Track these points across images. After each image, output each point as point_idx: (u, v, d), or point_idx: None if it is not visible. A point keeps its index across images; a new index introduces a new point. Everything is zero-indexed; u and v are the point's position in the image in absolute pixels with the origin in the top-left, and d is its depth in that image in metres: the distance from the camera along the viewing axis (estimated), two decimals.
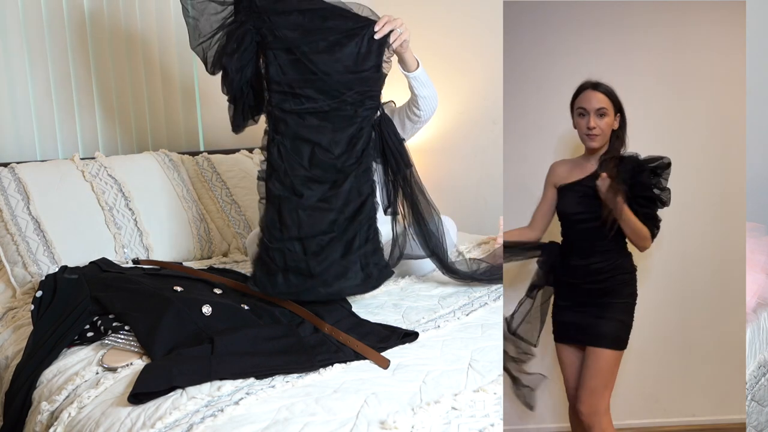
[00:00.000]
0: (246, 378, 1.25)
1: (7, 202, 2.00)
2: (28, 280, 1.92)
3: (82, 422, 1.20)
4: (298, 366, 1.29)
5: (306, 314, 1.57)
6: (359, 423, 1.07)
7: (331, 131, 1.73)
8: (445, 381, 1.24)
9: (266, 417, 1.10)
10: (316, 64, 1.70)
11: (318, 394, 1.18)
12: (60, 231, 1.99)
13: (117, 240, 2.07)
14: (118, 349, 1.42)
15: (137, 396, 1.19)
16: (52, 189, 2.07)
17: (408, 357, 1.36)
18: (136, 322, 1.45)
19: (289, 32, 1.70)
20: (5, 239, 1.96)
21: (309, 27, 1.70)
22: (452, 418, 1.09)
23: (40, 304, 1.60)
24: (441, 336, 1.48)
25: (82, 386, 1.31)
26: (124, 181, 2.19)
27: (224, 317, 1.49)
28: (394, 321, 1.59)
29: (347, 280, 1.69)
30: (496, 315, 1.61)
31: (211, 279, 1.78)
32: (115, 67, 2.49)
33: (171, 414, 1.12)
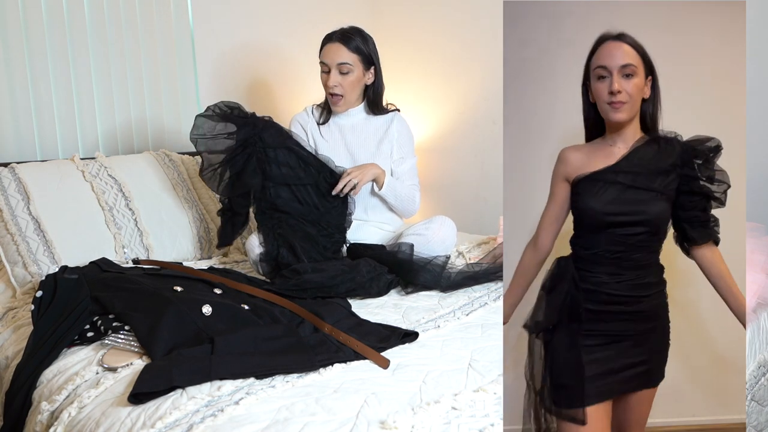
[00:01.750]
0: (246, 378, 1.25)
1: (7, 202, 2.00)
2: (28, 280, 1.92)
3: (82, 422, 1.20)
4: (298, 366, 1.29)
5: (306, 314, 1.57)
6: (359, 423, 1.07)
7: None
8: (445, 381, 1.23)
9: (266, 417, 1.10)
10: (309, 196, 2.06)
11: (318, 394, 1.18)
12: (60, 231, 1.99)
13: (117, 240, 2.07)
14: (118, 349, 1.42)
15: (137, 396, 1.19)
16: (52, 189, 2.07)
17: (408, 357, 1.36)
18: (136, 322, 1.45)
19: (283, 166, 2.03)
20: (5, 239, 1.96)
21: (294, 165, 2.06)
22: (452, 418, 1.09)
23: (40, 304, 1.60)
24: (441, 336, 1.48)
25: (82, 386, 1.31)
26: (124, 181, 2.19)
27: (224, 317, 1.49)
28: (394, 321, 1.60)
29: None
30: (496, 315, 1.62)
31: (211, 279, 1.79)
32: (116, 66, 2.49)
33: (171, 414, 1.12)
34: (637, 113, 1.13)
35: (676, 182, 1.14)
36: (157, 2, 2.56)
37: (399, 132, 2.23)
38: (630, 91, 1.09)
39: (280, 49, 3.01)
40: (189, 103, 2.69)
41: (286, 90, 3.03)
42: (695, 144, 1.14)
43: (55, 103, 2.37)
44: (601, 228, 1.12)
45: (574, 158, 1.17)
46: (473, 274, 1.89)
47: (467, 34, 2.95)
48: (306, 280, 1.79)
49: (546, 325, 1.14)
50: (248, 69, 2.92)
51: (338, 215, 2.07)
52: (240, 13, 2.87)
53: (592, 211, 1.12)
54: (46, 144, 2.37)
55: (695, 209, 1.15)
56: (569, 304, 1.12)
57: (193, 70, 2.70)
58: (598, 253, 1.13)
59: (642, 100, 1.13)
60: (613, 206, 1.11)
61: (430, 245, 2.03)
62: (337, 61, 2.11)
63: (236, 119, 2.03)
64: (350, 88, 2.15)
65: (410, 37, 3.16)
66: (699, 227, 1.17)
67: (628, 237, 1.12)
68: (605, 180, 1.12)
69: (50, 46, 2.33)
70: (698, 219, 1.17)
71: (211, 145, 2.02)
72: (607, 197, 1.12)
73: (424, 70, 3.13)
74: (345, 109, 2.21)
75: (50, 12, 2.33)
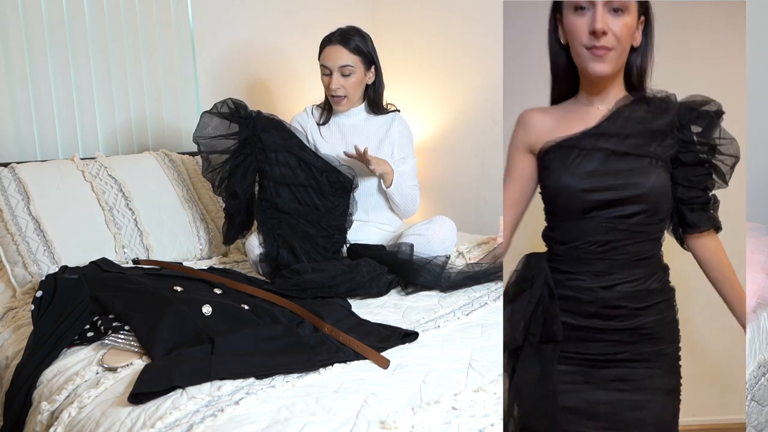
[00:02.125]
0: (246, 378, 1.25)
1: (7, 202, 2.00)
2: (28, 280, 1.91)
3: (82, 422, 1.20)
4: (298, 366, 1.29)
5: (306, 314, 1.57)
6: (359, 423, 1.07)
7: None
8: (445, 381, 1.23)
9: (266, 417, 1.10)
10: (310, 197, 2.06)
11: (318, 394, 1.18)
12: (60, 231, 1.99)
13: (117, 240, 2.07)
14: (118, 349, 1.41)
15: (137, 396, 1.19)
16: (52, 189, 2.07)
17: (408, 357, 1.36)
18: (136, 322, 1.45)
19: (283, 167, 2.02)
20: (5, 239, 1.96)
21: (295, 165, 2.04)
22: (452, 418, 1.09)
23: (40, 304, 1.60)
24: (441, 336, 1.48)
25: (82, 386, 1.31)
26: (124, 181, 2.19)
27: (224, 317, 1.49)
28: (394, 321, 1.60)
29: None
30: (496, 315, 1.61)
31: (211, 279, 1.79)
32: (116, 66, 2.49)
33: (171, 414, 1.12)
34: (623, 66, 0.86)
35: (674, 149, 0.87)
36: (157, 2, 2.56)
37: (400, 132, 2.24)
38: (618, 31, 0.81)
39: (280, 49, 3.01)
40: (189, 103, 2.69)
41: (286, 90, 3.03)
42: (695, 105, 0.90)
43: (55, 103, 2.37)
44: (581, 211, 0.83)
45: (540, 122, 0.93)
46: (473, 274, 1.89)
47: (467, 34, 2.95)
48: (306, 280, 1.79)
49: (510, 346, 0.87)
50: (248, 69, 2.92)
51: (339, 216, 2.07)
52: (240, 13, 2.87)
53: (567, 188, 0.83)
54: (46, 144, 2.37)
55: (696, 187, 0.90)
56: (540, 317, 0.84)
57: (193, 70, 2.70)
58: (578, 246, 0.84)
59: (631, 48, 0.85)
60: (595, 180, 0.82)
61: (430, 245, 2.03)
62: (338, 63, 2.11)
63: (239, 120, 2.03)
64: (353, 89, 2.16)
65: (410, 38, 3.16)
66: (700, 210, 0.92)
67: (618, 221, 0.82)
68: (582, 147, 0.85)
69: (50, 46, 2.33)
70: (699, 199, 0.91)
71: (212, 145, 2.03)
72: (586, 168, 0.83)
73: (424, 70, 3.13)
74: (348, 109, 2.21)
75: (50, 12, 2.33)
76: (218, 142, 2.03)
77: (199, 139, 2.04)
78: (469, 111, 2.98)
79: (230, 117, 2.03)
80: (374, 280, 1.83)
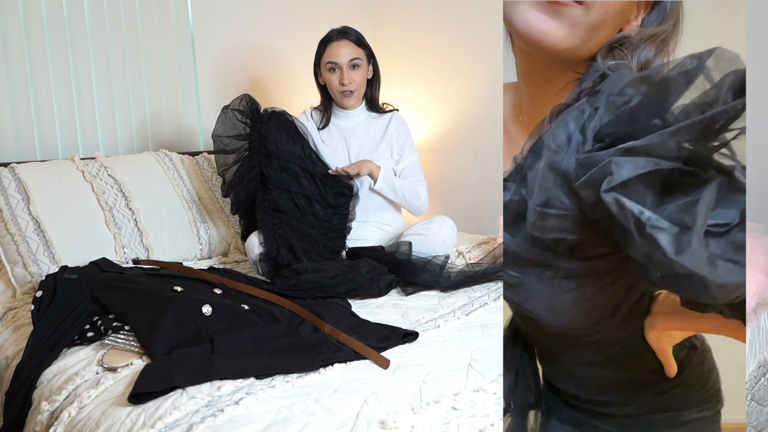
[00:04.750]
0: (246, 378, 1.25)
1: (7, 202, 2.00)
2: (28, 280, 1.92)
3: (82, 422, 1.20)
4: (298, 366, 1.29)
5: (306, 314, 1.57)
6: (359, 423, 1.07)
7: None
8: (445, 381, 1.23)
9: (266, 417, 1.10)
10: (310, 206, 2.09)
11: (318, 394, 1.18)
12: (60, 231, 1.99)
13: (117, 240, 2.07)
14: (118, 349, 1.41)
15: (137, 396, 1.19)
16: (52, 189, 2.07)
17: (408, 357, 1.36)
18: (136, 322, 1.45)
19: (285, 173, 2.06)
20: (5, 239, 1.96)
21: (299, 174, 2.08)
22: (452, 418, 1.09)
23: (40, 304, 1.60)
24: (441, 336, 1.48)
25: (82, 386, 1.31)
26: (124, 181, 2.19)
27: (224, 317, 1.49)
28: (394, 321, 1.60)
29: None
30: (496, 315, 1.61)
31: (211, 279, 1.79)
32: (116, 66, 2.49)
33: (171, 414, 1.12)
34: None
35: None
36: (157, 2, 2.56)
37: (398, 130, 2.25)
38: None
39: (280, 49, 3.01)
40: (189, 104, 2.69)
41: (286, 90, 3.03)
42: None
43: (55, 103, 2.37)
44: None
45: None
46: (473, 274, 1.89)
47: (467, 34, 2.95)
48: (306, 280, 1.79)
49: (523, 401, 0.68)
50: (248, 69, 2.92)
51: (338, 222, 2.08)
52: (240, 13, 2.87)
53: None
54: (46, 144, 2.37)
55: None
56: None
57: (193, 70, 2.70)
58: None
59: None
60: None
61: (430, 245, 2.03)
62: (348, 57, 2.14)
63: (251, 122, 2.08)
64: (362, 82, 2.20)
65: (410, 38, 3.16)
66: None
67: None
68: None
69: (50, 46, 2.33)
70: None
71: (224, 145, 2.10)
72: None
73: (424, 70, 3.13)
74: (356, 104, 2.24)
75: (50, 12, 2.33)
76: (230, 142, 2.09)
77: (215, 138, 2.11)
78: (469, 111, 2.98)
79: (243, 119, 2.08)
80: (374, 280, 1.83)
